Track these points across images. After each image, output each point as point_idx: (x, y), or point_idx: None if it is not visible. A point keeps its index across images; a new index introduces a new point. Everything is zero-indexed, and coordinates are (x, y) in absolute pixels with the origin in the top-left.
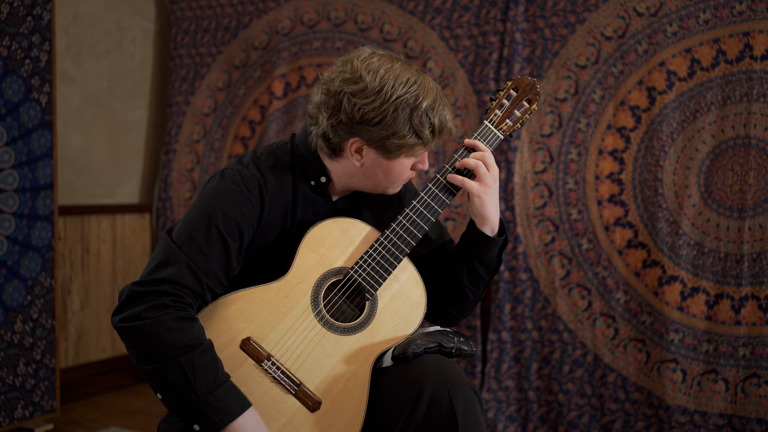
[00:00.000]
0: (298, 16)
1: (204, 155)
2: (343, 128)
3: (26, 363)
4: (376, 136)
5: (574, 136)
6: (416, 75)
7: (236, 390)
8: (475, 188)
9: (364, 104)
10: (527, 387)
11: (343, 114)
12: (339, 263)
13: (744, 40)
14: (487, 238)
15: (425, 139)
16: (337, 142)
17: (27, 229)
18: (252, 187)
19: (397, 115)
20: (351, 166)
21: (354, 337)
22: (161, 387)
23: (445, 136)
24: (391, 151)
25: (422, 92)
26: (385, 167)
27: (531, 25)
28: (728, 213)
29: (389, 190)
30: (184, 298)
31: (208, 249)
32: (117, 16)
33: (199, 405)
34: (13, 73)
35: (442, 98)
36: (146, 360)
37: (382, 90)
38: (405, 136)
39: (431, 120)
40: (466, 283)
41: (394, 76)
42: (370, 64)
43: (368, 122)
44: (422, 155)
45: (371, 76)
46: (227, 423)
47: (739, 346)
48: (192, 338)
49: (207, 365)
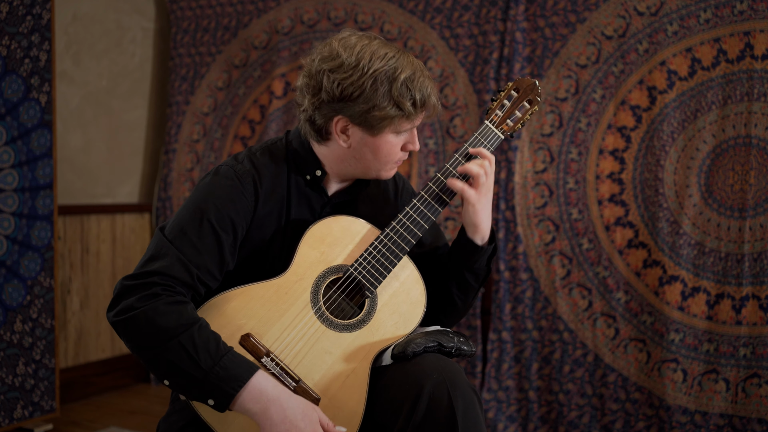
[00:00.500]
0: (298, 15)
1: (204, 155)
2: (326, 107)
3: (26, 363)
4: (357, 111)
5: (574, 136)
6: (394, 50)
7: (241, 357)
8: (474, 197)
9: (343, 79)
10: (528, 387)
11: (324, 93)
12: (339, 261)
13: (745, 40)
14: (476, 246)
15: (407, 111)
16: (322, 123)
17: (26, 228)
18: (246, 181)
19: (376, 88)
20: (339, 149)
21: (353, 335)
22: (167, 371)
23: (429, 109)
24: (374, 126)
25: (400, 65)
26: (372, 146)
27: (531, 25)
28: (729, 213)
29: (382, 173)
30: (174, 287)
31: (199, 242)
32: (117, 16)
33: (207, 379)
34: (12, 72)
35: (423, 71)
36: (146, 348)
37: (359, 64)
38: (385, 108)
39: (411, 92)
40: (455, 291)
41: (371, 51)
42: (347, 42)
43: (348, 98)
44: (411, 133)
45: (348, 52)
46: (239, 389)
47: (739, 346)
48: (187, 318)
49: (207, 339)
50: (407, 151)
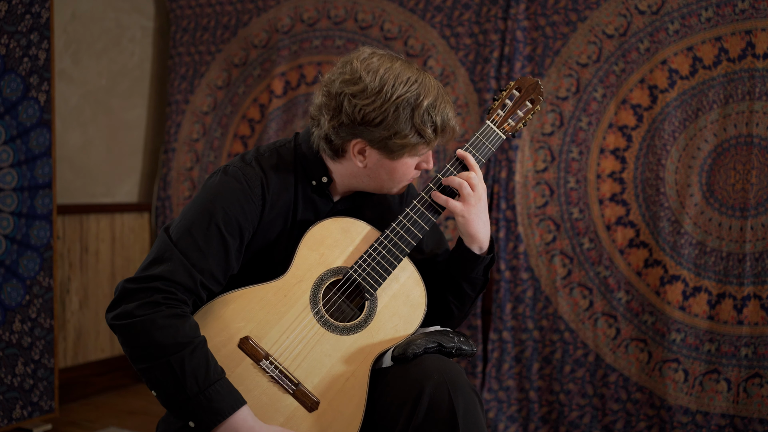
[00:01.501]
0: (298, 14)
1: (203, 154)
2: (345, 130)
3: (25, 363)
4: (378, 137)
5: (575, 135)
6: (417, 74)
7: (229, 388)
8: (459, 208)
9: (365, 105)
10: (528, 387)
11: (344, 116)
12: (338, 263)
13: (746, 39)
14: (472, 255)
15: (428, 138)
16: (339, 143)
17: (25, 228)
18: (254, 185)
19: (398, 115)
20: (354, 167)
21: (353, 337)
22: (154, 385)
23: (447, 134)
24: (394, 151)
25: (423, 91)
26: (389, 167)
27: (532, 23)
28: (730, 212)
29: (393, 190)
30: (176, 294)
31: (205, 246)
32: (116, 14)
33: (190, 404)
34: (11, 71)
35: (444, 96)
36: (138, 358)
37: (382, 90)
38: (407, 136)
39: (433, 119)
40: (451, 299)
41: (394, 76)
42: (370, 65)
43: (369, 123)
44: (426, 154)
45: (371, 77)
46: (218, 423)
47: (741, 345)
48: (183, 336)
49: (198, 364)
50: (420, 170)
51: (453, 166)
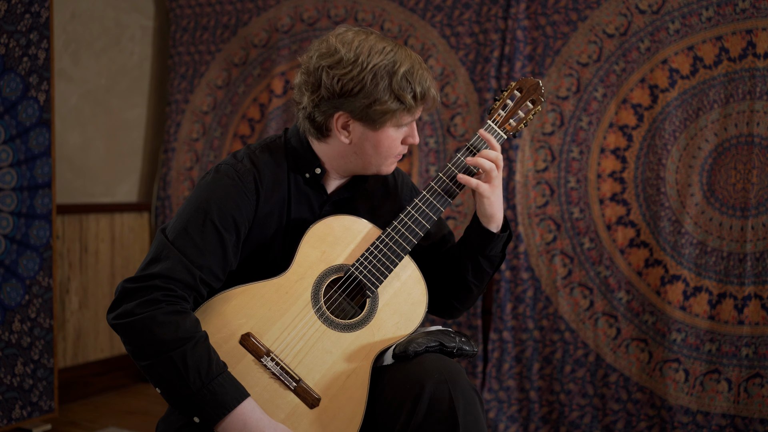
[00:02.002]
0: (298, 13)
1: (203, 154)
2: (326, 104)
3: (24, 363)
4: (359, 106)
5: (575, 135)
6: (392, 44)
7: (232, 381)
8: (487, 190)
9: (343, 75)
10: (529, 387)
11: (324, 89)
12: (340, 260)
13: (747, 38)
14: (492, 234)
15: (408, 104)
16: (322, 120)
17: (25, 228)
18: (247, 180)
19: (376, 82)
20: (340, 145)
21: (354, 335)
22: (158, 382)
23: (428, 101)
24: (375, 120)
25: (399, 58)
26: (374, 140)
27: (532, 23)
28: (731, 212)
29: (382, 168)
30: (175, 291)
31: (202, 242)
32: (115, 14)
33: (194, 399)
34: (10, 70)
35: (421, 64)
36: (140, 356)
37: (358, 59)
38: (387, 102)
39: (412, 85)
40: (470, 278)
41: (369, 46)
42: (345, 38)
43: (349, 93)
44: (410, 126)
45: (346, 48)
46: (223, 416)
47: (742, 345)
48: (184, 331)
49: (200, 359)
50: (407, 144)
51: (463, 155)
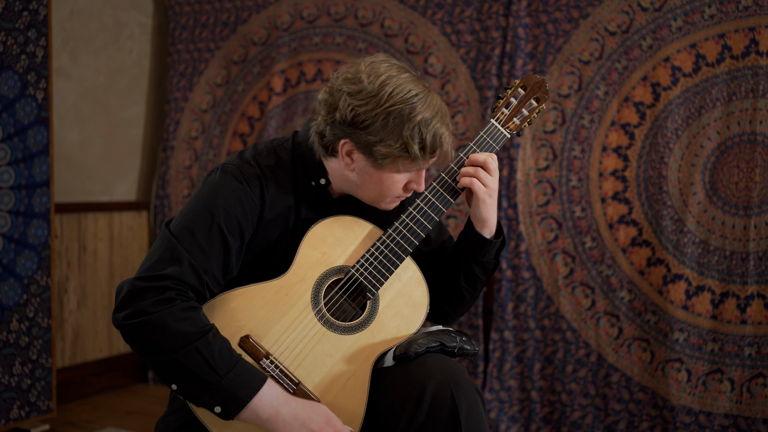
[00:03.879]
0: (298, 11)
1: (202, 152)
2: (337, 128)
3: (22, 363)
4: (363, 141)
5: (577, 133)
6: (421, 89)
7: (251, 365)
8: (482, 191)
9: (358, 106)
10: (530, 387)
11: (338, 113)
12: (340, 262)
13: (750, 36)
14: (485, 240)
15: (413, 154)
16: (329, 141)
17: (23, 227)
18: (253, 184)
19: (387, 123)
20: (343, 170)
21: (354, 337)
22: (178, 376)
23: (437, 157)
24: (377, 160)
25: (420, 106)
26: (375, 177)
27: (534, 20)
28: (734, 210)
29: (381, 205)
30: (187, 292)
31: (208, 247)
32: (114, 11)
33: (221, 385)
34: (8, 68)
35: (443, 117)
36: (159, 352)
37: (378, 95)
38: (391, 146)
39: (423, 136)
40: (463, 284)
41: (395, 85)
42: (375, 69)
43: (358, 125)
44: (417, 174)
45: (371, 79)
46: (251, 396)
47: (744, 345)
48: (202, 324)
49: (222, 345)
50: (410, 190)
51: (457, 165)
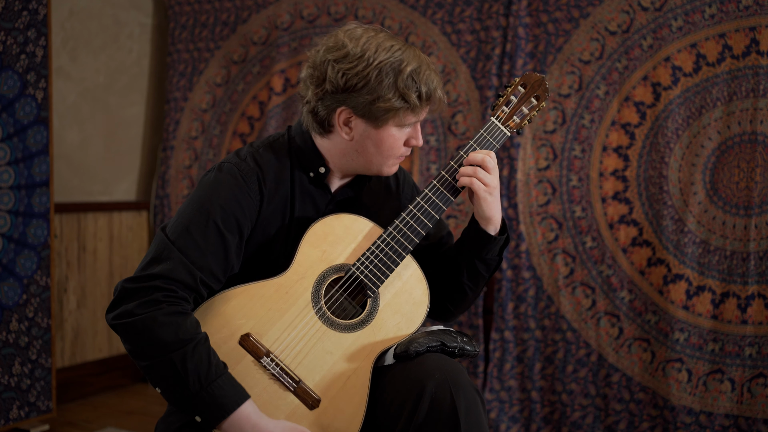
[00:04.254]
0: (298, 10)
1: (202, 152)
2: (330, 98)
3: (22, 363)
4: (361, 102)
5: (577, 133)
6: (400, 43)
7: (232, 383)
8: (482, 189)
9: (347, 69)
10: (530, 387)
11: (328, 83)
12: (341, 260)
13: (750, 35)
14: (489, 237)
15: (412, 103)
16: (324, 114)
17: (22, 226)
18: (251, 180)
19: (381, 79)
20: (342, 142)
21: (355, 335)
22: (157, 382)
23: (433, 102)
24: (378, 118)
25: (406, 57)
26: (375, 139)
27: (534, 20)
28: (734, 210)
29: (384, 169)
30: (176, 292)
31: (204, 243)
32: (114, 11)
33: (194, 401)
34: (8, 68)
35: (429, 64)
36: (140, 356)
37: (364, 55)
38: (390, 100)
39: (417, 84)
40: (465, 281)
41: (376, 43)
42: (353, 33)
43: (353, 88)
44: (414, 128)
45: (353, 43)
46: (222, 419)
47: (745, 345)
48: (184, 333)
49: (199, 361)
50: (410, 146)
51: (457, 163)
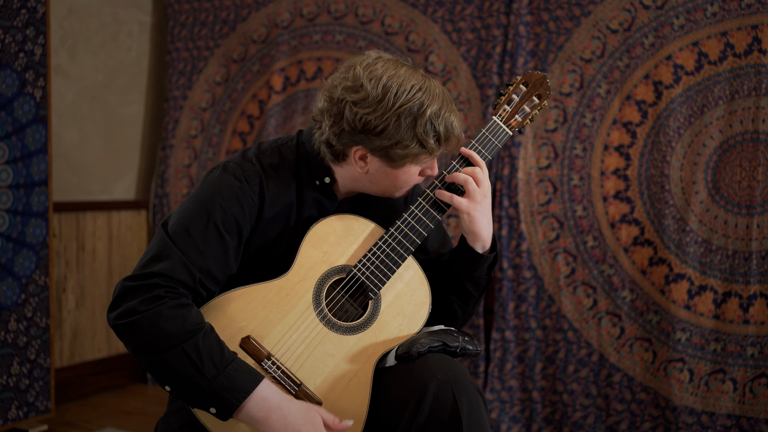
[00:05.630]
0: (298, 8)
1: (201, 151)
2: (346, 137)
3: (20, 363)
4: (379, 146)
5: (579, 131)
6: (421, 81)
7: (245, 366)
8: (464, 205)
9: (366, 113)
10: (531, 387)
11: (346, 123)
12: (342, 261)
13: (752, 34)
14: (476, 255)
15: (430, 148)
16: (340, 149)
17: (21, 226)
18: (253, 183)
19: (399, 124)
20: (355, 172)
21: (356, 337)
22: (169, 378)
23: (451, 144)
24: (395, 161)
25: (427, 99)
26: (391, 175)
27: (535, 18)
28: (736, 209)
29: (395, 195)
30: (177, 288)
31: (204, 245)
32: (113, 9)
33: (211, 388)
34: (6, 66)
35: (449, 104)
36: (149, 353)
37: (384, 98)
38: (409, 146)
39: (436, 128)
40: (454, 299)
41: (397, 84)
42: (373, 71)
43: (371, 132)
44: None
45: (373, 84)
46: (243, 400)
47: (747, 345)
48: (192, 323)
49: (212, 347)
50: (425, 176)
51: (458, 163)
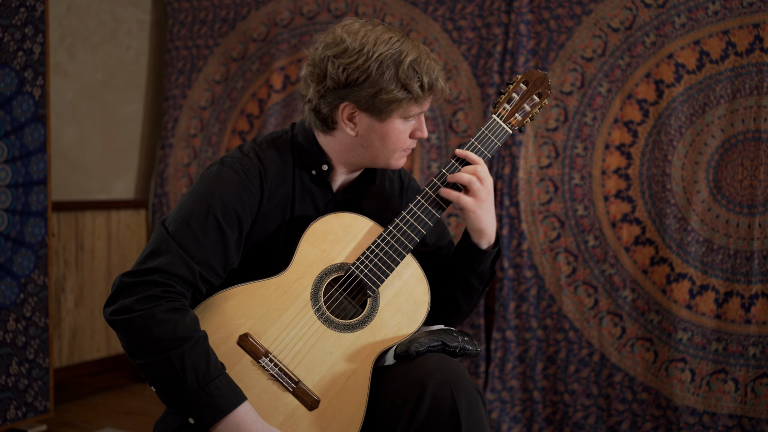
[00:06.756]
0: (298, 7)
1: (201, 150)
2: (332, 95)
3: (19, 362)
4: (364, 96)
5: (580, 130)
6: (399, 35)
7: (230, 384)
8: (471, 204)
9: (348, 64)
10: (532, 387)
11: (329, 79)
12: (340, 259)
13: (754, 32)
14: (479, 250)
15: (415, 93)
16: (327, 111)
17: (20, 225)
18: (252, 176)
19: (382, 71)
20: (346, 138)
21: (355, 335)
22: (153, 380)
23: (436, 92)
24: (382, 110)
25: (405, 48)
26: (381, 132)
27: (536, 17)
28: (738, 209)
29: (391, 162)
30: (174, 287)
31: (203, 237)
32: (112, 7)
33: (190, 401)
34: (5, 65)
35: (429, 54)
36: (137, 353)
37: (363, 49)
38: (393, 91)
39: (419, 74)
40: (459, 293)
41: (375, 36)
42: (351, 28)
43: (354, 83)
44: (418, 120)
45: (352, 38)
46: (218, 420)
47: (749, 345)
48: (183, 330)
49: (198, 359)
50: (416, 138)
51: (458, 162)
